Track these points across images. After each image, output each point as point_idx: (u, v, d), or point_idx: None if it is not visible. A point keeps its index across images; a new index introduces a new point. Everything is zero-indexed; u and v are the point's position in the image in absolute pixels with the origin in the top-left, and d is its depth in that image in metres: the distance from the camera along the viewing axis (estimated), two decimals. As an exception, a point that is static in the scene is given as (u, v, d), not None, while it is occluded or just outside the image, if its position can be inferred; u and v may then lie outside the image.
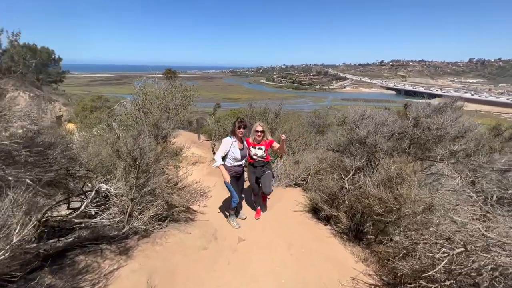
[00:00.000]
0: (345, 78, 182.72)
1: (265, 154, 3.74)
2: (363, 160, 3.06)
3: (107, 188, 2.38)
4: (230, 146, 3.45)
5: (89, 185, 2.62)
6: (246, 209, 4.62)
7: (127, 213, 2.42)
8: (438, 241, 1.92)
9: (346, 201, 3.03)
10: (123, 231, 2.44)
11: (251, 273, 2.76)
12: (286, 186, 5.46)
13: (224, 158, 3.50)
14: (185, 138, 12.63)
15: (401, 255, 2.29)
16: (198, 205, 5.18)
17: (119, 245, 2.35)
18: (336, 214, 3.20)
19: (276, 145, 3.71)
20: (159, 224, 2.68)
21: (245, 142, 3.70)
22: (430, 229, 2.05)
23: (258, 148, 3.68)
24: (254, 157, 3.72)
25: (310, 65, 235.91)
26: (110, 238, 2.33)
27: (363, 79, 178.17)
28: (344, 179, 3.04)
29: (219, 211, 4.81)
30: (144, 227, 2.51)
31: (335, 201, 3.25)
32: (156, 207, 2.46)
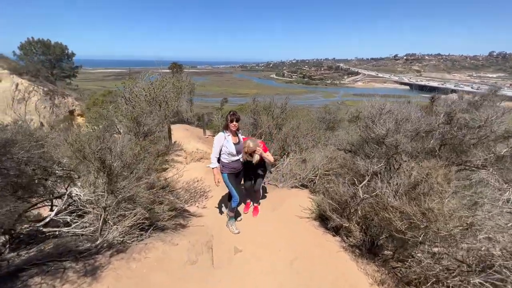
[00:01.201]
0: (357, 73, 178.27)
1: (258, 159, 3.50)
2: (381, 163, 2.56)
3: (77, 194, 2.02)
4: (223, 141, 3.26)
5: (59, 190, 2.28)
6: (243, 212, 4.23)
7: (100, 224, 2.06)
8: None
9: (360, 211, 2.57)
10: (96, 243, 2.09)
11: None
12: (292, 187, 5.02)
13: (220, 155, 3.33)
14: (190, 133, 12.34)
15: (429, 284, 1.83)
16: (197, 206, 4.83)
17: (87, 263, 1.99)
18: (347, 225, 2.75)
19: (267, 154, 3.55)
20: (140, 235, 2.32)
21: (240, 136, 3.50)
22: (470, 257, 1.58)
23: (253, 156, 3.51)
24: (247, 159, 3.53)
25: (321, 59, 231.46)
26: (77, 254, 1.98)
27: (375, 73, 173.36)
28: (357, 186, 2.56)
29: (219, 212, 4.44)
30: (121, 239, 2.15)
31: (346, 209, 2.78)
32: (135, 216, 2.10)
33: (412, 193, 2.14)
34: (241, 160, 3.47)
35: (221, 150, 3.31)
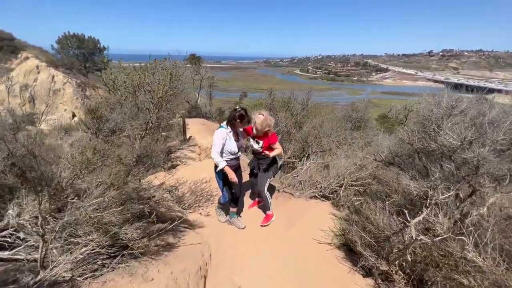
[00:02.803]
0: (386, 70, 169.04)
1: (260, 149, 3.30)
2: (453, 190, 1.72)
3: (12, 216, 1.47)
4: (225, 139, 2.98)
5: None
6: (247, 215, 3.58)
7: (40, 254, 1.51)
8: None
9: (408, 255, 1.77)
10: (36, 280, 1.54)
11: None
12: (311, 198, 4.26)
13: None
14: (207, 128, 11.86)
15: None
16: (200, 213, 4.25)
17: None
18: (386, 269, 1.98)
19: (274, 147, 3.27)
20: (102, 266, 1.74)
21: (239, 130, 3.21)
22: None
23: (256, 141, 3.32)
24: (251, 147, 3.46)
25: (348, 55, 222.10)
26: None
27: (406, 70, 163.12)
28: (407, 218, 1.74)
29: (225, 221, 3.82)
30: (69, 276, 1.59)
31: (384, 246, 2.00)
32: (86, 246, 1.52)
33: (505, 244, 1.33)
34: (239, 157, 3.28)
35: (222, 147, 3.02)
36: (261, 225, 3.55)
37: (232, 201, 3.47)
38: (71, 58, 28.13)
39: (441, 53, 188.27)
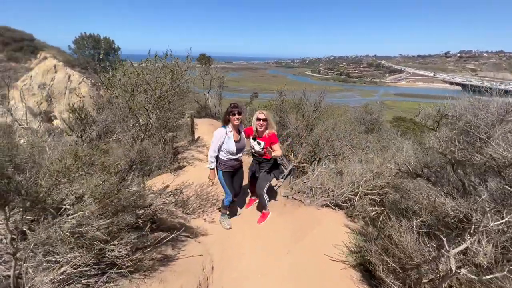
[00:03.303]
0: (400, 71, 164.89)
1: (262, 151, 3.24)
2: (508, 216, 1.40)
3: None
4: (224, 138, 3.01)
5: None
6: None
7: (12, 275, 1.32)
8: None
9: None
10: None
11: None
12: (322, 206, 3.96)
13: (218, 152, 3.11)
14: (214, 128, 11.70)
15: None
16: (204, 219, 4.04)
17: None
18: (413, 301, 1.69)
19: (275, 148, 3.19)
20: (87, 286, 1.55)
21: (242, 133, 3.23)
22: None
23: (257, 142, 3.23)
24: (252, 150, 3.38)
25: (360, 56, 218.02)
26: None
27: (421, 72, 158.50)
28: (444, 247, 1.42)
29: (229, 227, 3.60)
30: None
31: (411, 274, 1.69)
32: (61, 266, 1.33)
33: None
34: (240, 158, 3.28)
35: (220, 147, 3.07)
36: (258, 224, 3.64)
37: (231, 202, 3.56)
38: (87, 58, 28.98)
39: (458, 54, 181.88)
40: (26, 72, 28.56)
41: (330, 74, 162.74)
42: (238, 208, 4.11)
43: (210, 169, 3.17)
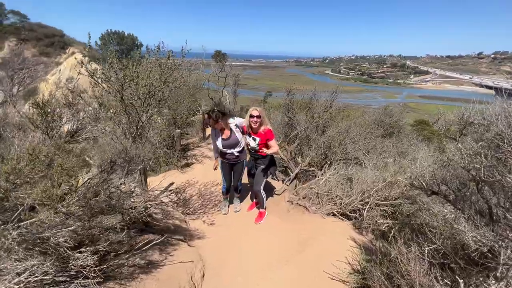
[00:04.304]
0: (426, 72, 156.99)
1: (257, 147, 3.29)
2: None
3: None
4: (215, 136, 3.33)
5: None
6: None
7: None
8: None
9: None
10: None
11: None
12: (328, 214, 3.70)
13: None
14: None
15: None
16: (203, 221, 3.91)
17: None
18: None
19: (271, 145, 3.27)
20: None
21: (237, 130, 3.32)
22: None
23: (252, 138, 3.30)
24: (248, 146, 3.44)
25: (384, 56, 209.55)
26: None
27: (450, 73, 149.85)
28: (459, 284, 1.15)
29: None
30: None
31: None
32: (18, 276, 1.21)
33: None
34: (235, 153, 3.39)
35: None
36: (255, 223, 3.64)
37: (227, 190, 3.86)
38: (111, 54, 30.13)
39: (492, 55, 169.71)
40: (55, 66, 30.19)
41: (351, 74, 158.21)
42: (238, 204, 4.13)
43: (215, 158, 3.67)
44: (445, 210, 1.60)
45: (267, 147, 3.31)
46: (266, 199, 3.76)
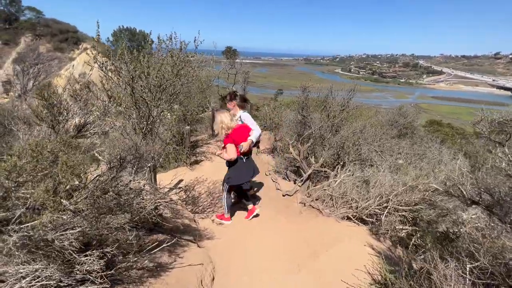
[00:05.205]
0: (440, 72, 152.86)
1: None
2: None
3: None
4: None
5: None
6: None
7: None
8: None
9: None
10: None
11: None
12: (343, 218, 3.53)
13: None
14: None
15: None
16: (212, 220, 3.80)
17: None
18: None
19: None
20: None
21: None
22: None
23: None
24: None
25: (396, 55, 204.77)
26: None
27: (464, 74, 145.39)
28: None
29: (234, 234, 3.32)
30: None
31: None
32: (22, 279, 1.12)
33: None
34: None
35: None
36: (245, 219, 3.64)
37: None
38: (121, 46, 30.85)
39: (510, 56, 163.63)
40: (69, 62, 30.77)
41: (361, 73, 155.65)
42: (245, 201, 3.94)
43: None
44: (493, 224, 1.43)
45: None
46: (226, 205, 3.57)
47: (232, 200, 3.98)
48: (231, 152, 3.07)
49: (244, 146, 3.10)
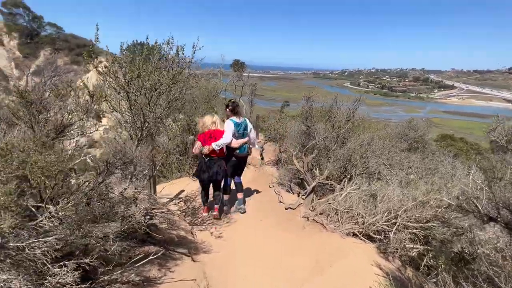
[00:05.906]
0: (452, 87, 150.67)
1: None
2: None
3: None
4: None
5: None
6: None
7: None
8: None
9: None
10: None
11: None
12: (348, 234, 3.33)
13: None
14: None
15: None
16: (211, 233, 3.66)
17: None
18: None
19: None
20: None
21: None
22: None
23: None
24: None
25: (406, 69, 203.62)
26: None
27: (477, 88, 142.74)
28: None
29: (233, 248, 3.16)
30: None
31: None
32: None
33: None
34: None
35: None
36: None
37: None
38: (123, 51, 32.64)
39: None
40: (84, 74, 32.04)
41: (370, 87, 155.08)
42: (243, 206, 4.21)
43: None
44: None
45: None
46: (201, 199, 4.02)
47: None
48: (194, 148, 3.52)
49: (205, 148, 3.39)
